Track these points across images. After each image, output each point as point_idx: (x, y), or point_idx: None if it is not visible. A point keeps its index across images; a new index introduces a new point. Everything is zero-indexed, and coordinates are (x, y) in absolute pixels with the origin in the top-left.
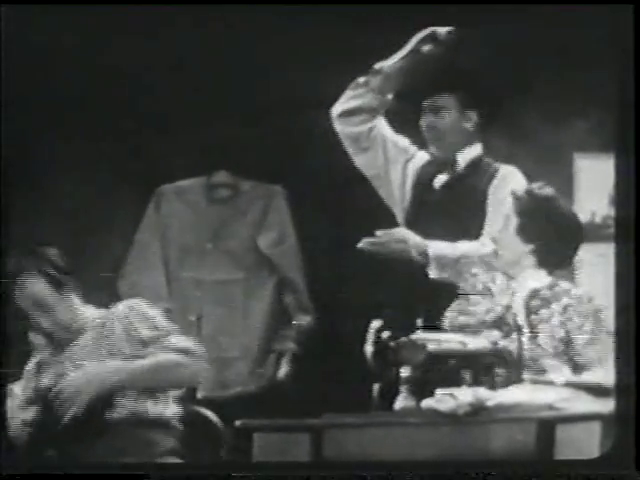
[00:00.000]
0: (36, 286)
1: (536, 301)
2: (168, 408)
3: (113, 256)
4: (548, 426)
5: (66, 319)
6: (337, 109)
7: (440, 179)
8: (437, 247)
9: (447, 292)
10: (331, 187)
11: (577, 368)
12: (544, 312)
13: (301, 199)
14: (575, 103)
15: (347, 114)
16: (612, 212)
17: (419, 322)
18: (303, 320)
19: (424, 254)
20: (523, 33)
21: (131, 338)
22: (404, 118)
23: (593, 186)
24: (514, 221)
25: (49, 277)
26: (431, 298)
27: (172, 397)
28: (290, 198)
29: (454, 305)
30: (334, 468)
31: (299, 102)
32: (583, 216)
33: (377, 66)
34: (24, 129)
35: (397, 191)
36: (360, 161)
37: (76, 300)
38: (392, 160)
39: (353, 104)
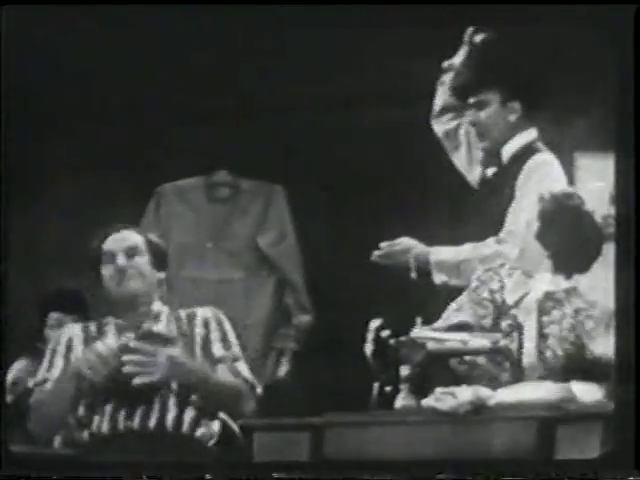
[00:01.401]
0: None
1: (549, 302)
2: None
3: None
4: (549, 425)
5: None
6: (433, 110)
7: (487, 174)
8: (438, 253)
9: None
10: (331, 186)
11: (588, 372)
12: (555, 313)
13: (301, 198)
14: (575, 102)
15: (438, 114)
16: (612, 211)
17: (419, 321)
18: (303, 319)
19: (426, 261)
20: (523, 33)
21: (205, 347)
22: None
23: (593, 185)
24: (535, 224)
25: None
26: (432, 299)
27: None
28: (290, 197)
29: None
30: (334, 467)
31: (299, 102)
32: None
33: (446, 64)
34: (24, 129)
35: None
36: (454, 160)
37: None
38: (474, 159)
39: (439, 103)
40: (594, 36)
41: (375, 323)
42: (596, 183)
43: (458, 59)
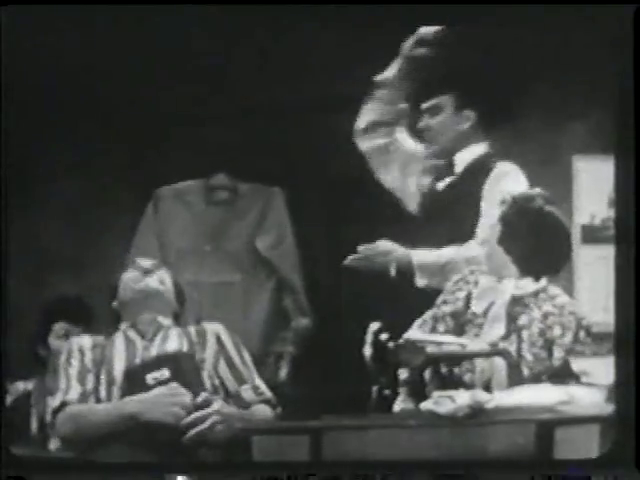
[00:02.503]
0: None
1: (518, 307)
2: None
3: (112, 258)
4: (547, 428)
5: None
6: (358, 125)
7: (440, 183)
8: (420, 255)
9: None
10: (329, 189)
11: (556, 377)
12: (524, 318)
13: (299, 201)
14: (575, 104)
15: (366, 129)
16: (612, 214)
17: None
18: (301, 322)
19: (408, 264)
20: (523, 33)
21: (230, 364)
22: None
23: (593, 188)
24: (497, 229)
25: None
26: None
27: None
28: (288, 200)
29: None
30: (333, 470)
31: (298, 104)
32: (583, 218)
33: (378, 78)
34: (24, 130)
35: (413, 201)
36: (381, 175)
37: None
38: (409, 172)
39: (370, 118)
40: (594, 36)
41: (374, 326)
42: (595, 186)
43: (391, 72)
